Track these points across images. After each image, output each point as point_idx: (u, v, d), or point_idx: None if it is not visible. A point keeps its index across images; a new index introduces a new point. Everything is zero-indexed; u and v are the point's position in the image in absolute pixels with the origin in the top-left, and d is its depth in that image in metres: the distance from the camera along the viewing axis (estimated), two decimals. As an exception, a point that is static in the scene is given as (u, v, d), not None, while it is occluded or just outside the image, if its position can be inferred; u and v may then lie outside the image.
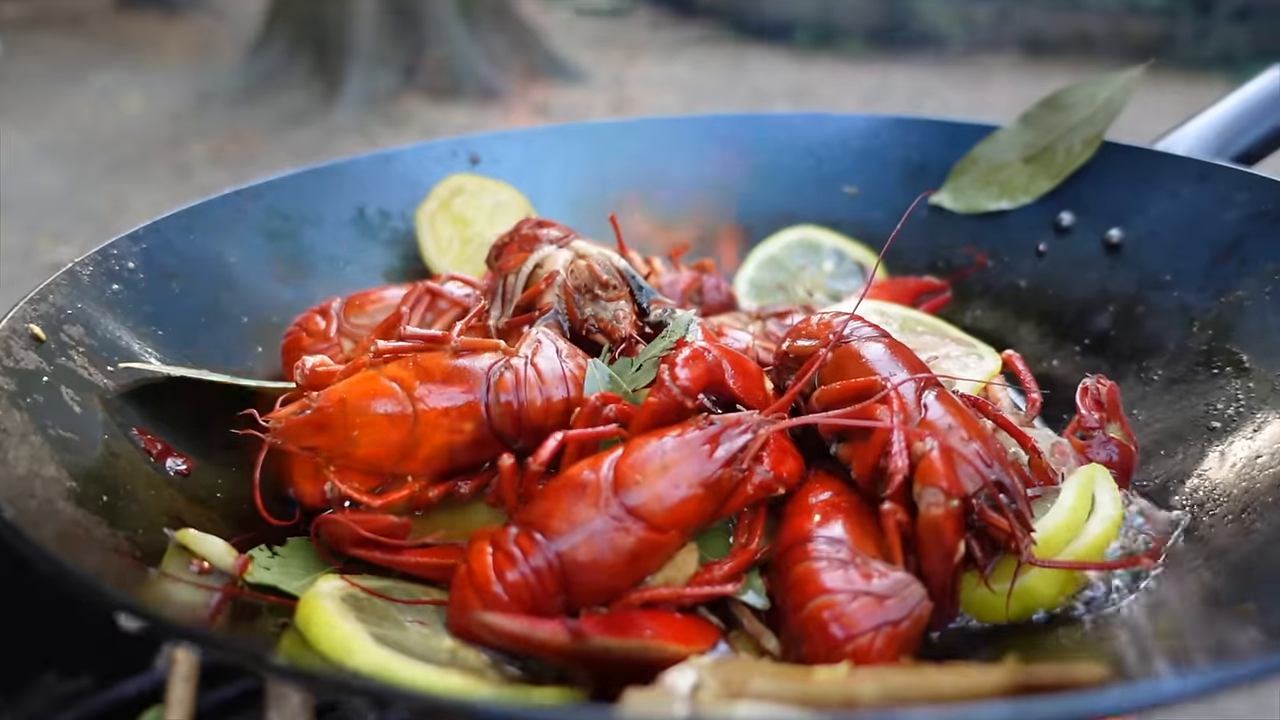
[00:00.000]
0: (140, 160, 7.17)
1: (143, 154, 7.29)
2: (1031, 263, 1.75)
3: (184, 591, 0.94)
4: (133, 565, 0.91)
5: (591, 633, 0.87)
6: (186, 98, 8.50)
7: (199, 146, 7.42)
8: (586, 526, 1.00)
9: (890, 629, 0.94)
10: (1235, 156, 1.71)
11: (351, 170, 1.81)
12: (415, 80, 8.70)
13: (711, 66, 10.13)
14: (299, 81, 8.53)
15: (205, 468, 1.21)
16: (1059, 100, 1.81)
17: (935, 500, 1.01)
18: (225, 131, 7.78)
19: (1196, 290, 1.48)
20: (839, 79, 9.60)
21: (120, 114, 8.21)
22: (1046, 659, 0.92)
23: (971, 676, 0.67)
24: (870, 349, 1.23)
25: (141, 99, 8.58)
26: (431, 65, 8.70)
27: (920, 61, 9.75)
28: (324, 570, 1.11)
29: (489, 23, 9.12)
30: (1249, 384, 1.30)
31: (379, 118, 8.18)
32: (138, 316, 1.35)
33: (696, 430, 1.08)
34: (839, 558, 1.00)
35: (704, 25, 11.24)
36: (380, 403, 1.13)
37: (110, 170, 6.97)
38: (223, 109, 8.19)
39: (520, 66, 9.17)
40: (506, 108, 8.56)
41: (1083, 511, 1.09)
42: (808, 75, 9.67)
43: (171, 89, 8.75)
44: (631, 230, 1.91)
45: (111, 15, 11.63)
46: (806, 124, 2.04)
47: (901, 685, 0.67)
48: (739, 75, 9.77)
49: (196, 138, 7.58)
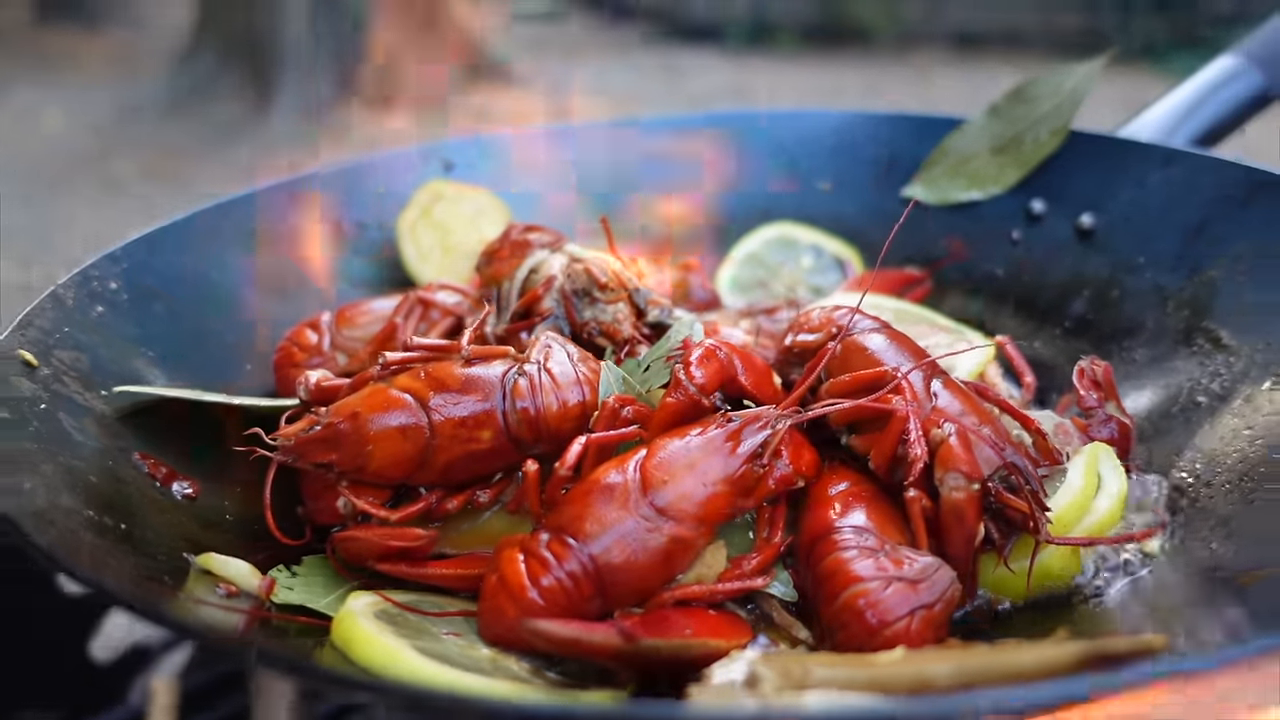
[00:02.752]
0: (66, 177, 6.93)
1: (68, 171, 7.04)
2: (1006, 251, 1.79)
3: (214, 615, 0.92)
4: (165, 592, 0.88)
5: (642, 634, 0.87)
6: (110, 113, 8.24)
7: (127, 162, 7.20)
8: (618, 528, 1.00)
9: (925, 612, 0.96)
10: (1193, 140, 1.78)
11: (324, 181, 1.78)
12: (352, 88, 8.57)
13: (650, 68, 10.16)
14: (230, 93, 8.34)
15: (211, 490, 1.18)
16: (1024, 92, 1.86)
17: (957, 484, 1.04)
18: (154, 146, 7.56)
19: (1169, 271, 1.53)
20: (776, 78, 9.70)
21: (42, 131, 7.93)
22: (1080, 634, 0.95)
23: (1045, 652, 0.69)
24: (873, 340, 1.25)
25: (63, 115, 8.29)
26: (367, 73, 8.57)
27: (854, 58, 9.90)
28: (345, 587, 1.09)
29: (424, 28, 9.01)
30: (1229, 359, 1.35)
31: (316, 128, 8.03)
32: (125, 339, 1.31)
33: (717, 428, 1.08)
34: (867, 546, 1.01)
35: (640, 27, 11.27)
36: (394, 415, 1.11)
37: (36, 188, 6.72)
38: (150, 123, 7.95)
39: (458, 72, 9.08)
40: (446, 113, 8.48)
41: (1091, 489, 1.13)
42: (745, 75, 9.75)
43: (94, 104, 8.46)
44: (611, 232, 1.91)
45: (29, 30, 11.22)
46: (778, 122, 2.07)
47: (976, 664, 0.68)
48: (677, 76, 9.82)
49: (124, 153, 7.35)
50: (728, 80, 9.67)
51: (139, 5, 11.40)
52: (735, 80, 9.66)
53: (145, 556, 0.93)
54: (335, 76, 8.49)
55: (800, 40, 10.42)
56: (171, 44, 9.13)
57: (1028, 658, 0.68)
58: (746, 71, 9.99)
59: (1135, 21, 10.50)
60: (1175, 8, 10.39)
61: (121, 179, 7.03)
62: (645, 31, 11.22)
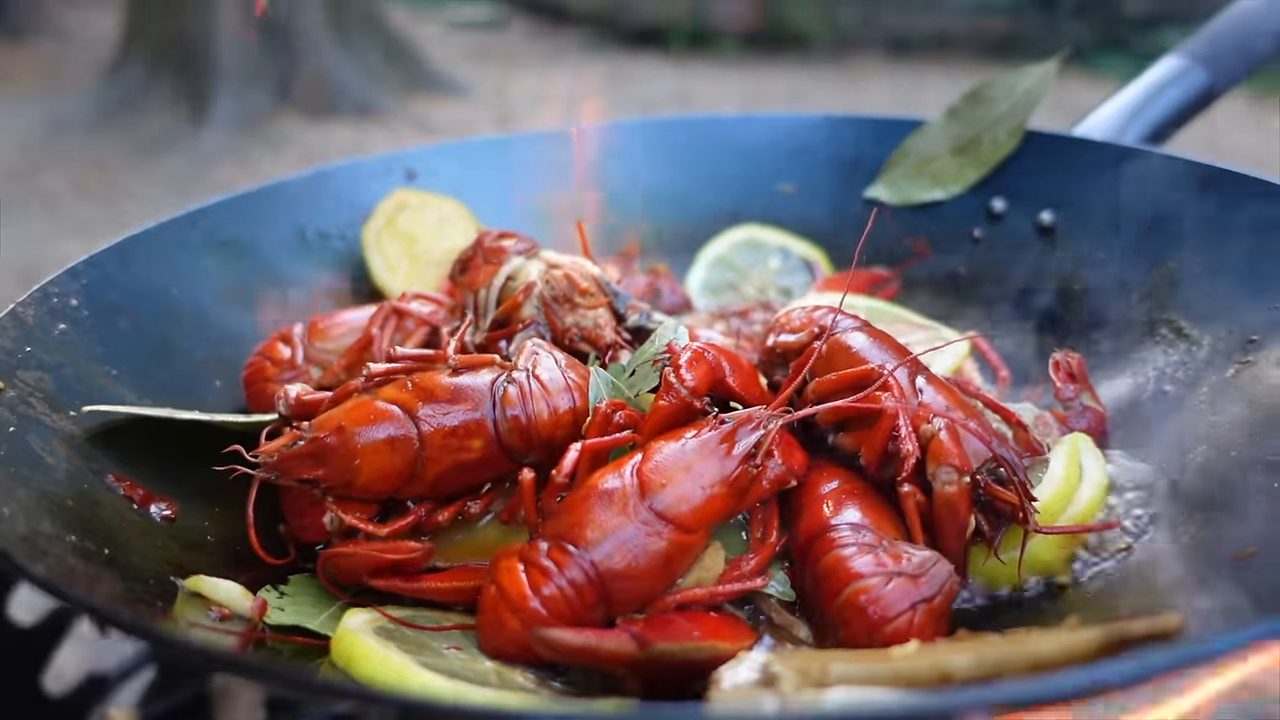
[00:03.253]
0: (-5, 194, 6.68)
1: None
2: (968, 249, 1.82)
3: (209, 639, 0.89)
4: (158, 617, 0.85)
5: (655, 639, 0.86)
6: (37, 127, 7.97)
7: (57, 177, 6.97)
8: (618, 534, 0.99)
9: (926, 606, 0.97)
10: (1143, 137, 1.83)
11: (286, 192, 1.74)
12: (288, 98, 8.42)
13: (592, 75, 10.15)
14: (161, 105, 8.12)
15: (190, 511, 1.14)
16: (981, 94, 1.90)
17: (950, 479, 1.05)
18: (84, 160, 7.33)
19: (1130, 265, 1.58)
20: (717, 83, 9.78)
21: (-35, 147, 7.63)
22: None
23: (1065, 639, 0.70)
24: (856, 339, 1.26)
25: (-14, 130, 7.99)
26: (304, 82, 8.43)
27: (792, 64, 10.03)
28: (335, 605, 1.07)
29: (362, 37, 8.90)
30: (1192, 348, 1.39)
31: (254, 140, 7.86)
32: (90, 357, 1.27)
33: (711, 430, 1.08)
34: (865, 542, 1.02)
35: (580, 34, 11.26)
36: (382, 427, 1.09)
37: (-37, 206, 6.46)
38: (78, 137, 7.71)
39: (397, 81, 8.98)
40: (387, 124, 8.37)
41: (1074, 479, 1.15)
42: (686, 80, 9.81)
43: (20, 118, 8.18)
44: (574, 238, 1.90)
45: (-54, 43, 10.80)
46: (738, 126, 2.08)
47: (996, 654, 0.69)
48: (621, 82, 9.83)
49: (53, 168, 7.12)
50: (671, 85, 9.71)
51: (64, 16, 11.06)
52: (678, 85, 9.71)
53: (133, 581, 0.90)
54: (271, 87, 8.34)
55: (741, 45, 10.52)
56: (99, 55, 8.88)
57: (1047, 646, 0.70)
58: (689, 76, 10.05)
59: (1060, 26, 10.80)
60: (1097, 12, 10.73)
61: (51, 194, 6.81)
62: (586, 38, 11.22)
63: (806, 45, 10.68)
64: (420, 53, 9.43)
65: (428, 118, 8.62)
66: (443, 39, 10.95)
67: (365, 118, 8.42)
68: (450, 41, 10.97)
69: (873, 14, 11.36)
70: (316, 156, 7.66)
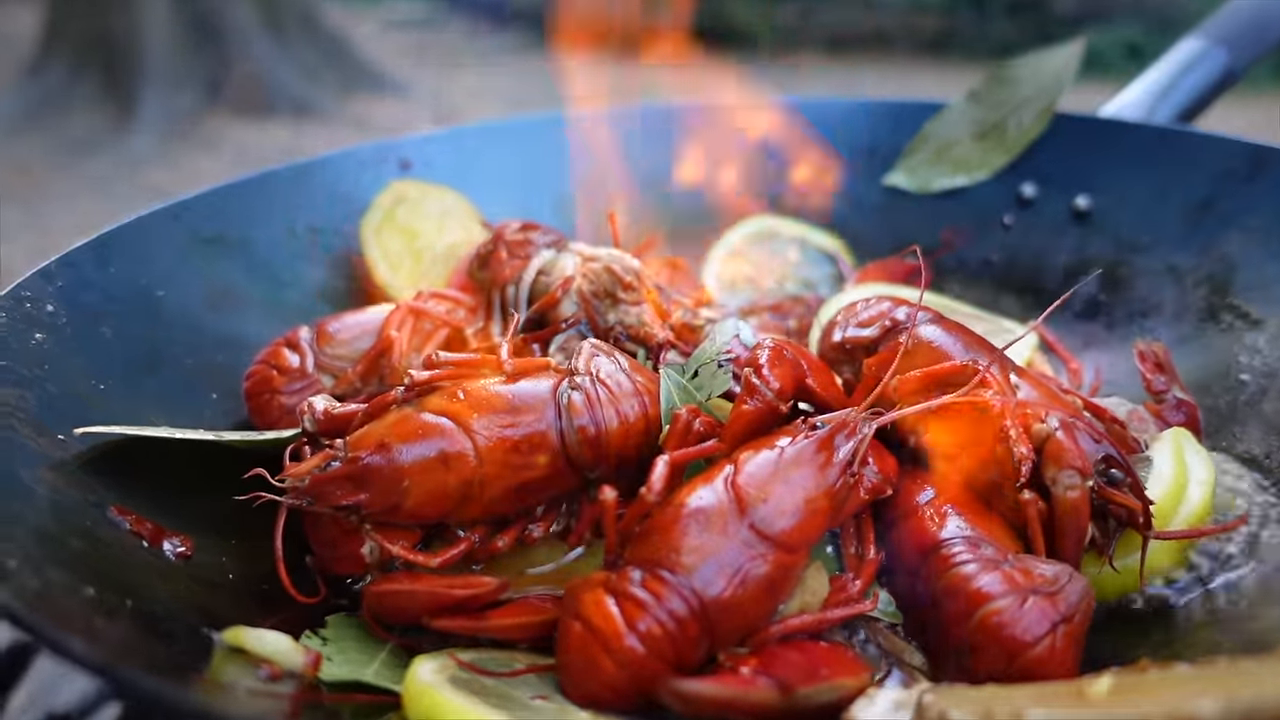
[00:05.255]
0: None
1: (-90, 191, 6.36)
2: (999, 236, 1.75)
3: (257, 704, 0.74)
4: (205, 684, 0.71)
5: (797, 684, 0.75)
6: (-50, 128, 7.51)
7: (-25, 180, 6.56)
8: (719, 557, 0.87)
9: (1066, 627, 0.87)
10: (1172, 120, 1.78)
11: (272, 184, 1.58)
12: (221, 98, 8.09)
13: (532, 73, 9.96)
14: (86, 105, 7.73)
15: (205, 545, 0.99)
16: (1004, 75, 1.83)
17: (1074, 483, 0.95)
18: (5, 162, 6.92)
19: (1180, 249, 1.51)
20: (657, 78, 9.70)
21: (-128, 150, 7.14)
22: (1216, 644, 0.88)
23: (1333, 672, 0.61)
24: (932, 332, 1.16)
25: (-101, 132, 7.50)
26: (238, 81, 8.11)
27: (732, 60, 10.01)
28: (383, 649, 0.93)
29: (296, 35, 8.60)
30: (1264, 335, 1.33)
31: (184, 141, 7.53)
32: (72, 371, 1.10)
33: (806, 437, 0.97)
34: (989, 557, 0.92)
35: (520, 32, 11.06)
36: (432, 443, 0.95)
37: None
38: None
39: (334, 79, 8.70)
40: (324, 122, 8.10)
41: (1183, 477, 1.07)
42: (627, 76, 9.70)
43: (-69, 120, 7.69)
44: (582, 230, 1.78)
45: None
46: (747, 113, 1.97)
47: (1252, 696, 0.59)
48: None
49: (-30, 171, 6.70)
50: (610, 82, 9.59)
51: (-25, 12, 10.49)
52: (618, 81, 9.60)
53: (164, 639, 0.75)
54: (202, 86, 8.01)
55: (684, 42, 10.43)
56: (18, 53, 8.42)
57: (1313, 681, 0.60)
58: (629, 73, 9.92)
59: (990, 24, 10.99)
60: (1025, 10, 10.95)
61: (-26, 198, 6.40)
62: (526, 37, 11.03)
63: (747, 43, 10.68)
64: (358, 51, 9.16)
65: (367, 117, 8.37)
66: (380, 37, 10.66)
67: (302, 117, 8.14)
68: (387, 40, 10.69)
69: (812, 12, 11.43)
70: (251, 157, 7.38)
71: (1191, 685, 0.63)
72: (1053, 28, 9.75)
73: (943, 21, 11.24)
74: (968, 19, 11.21)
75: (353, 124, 8.16)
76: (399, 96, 8.88)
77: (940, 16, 11.24)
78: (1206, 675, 0.66)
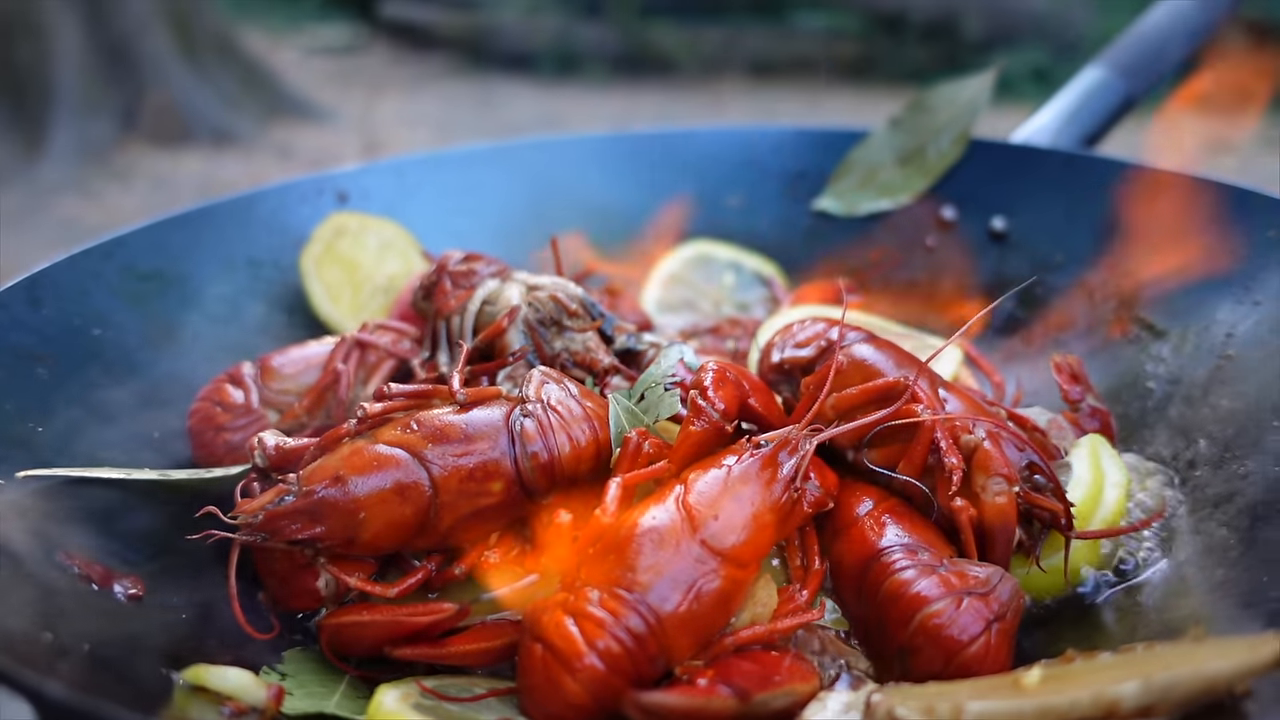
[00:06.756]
0: None
1: None
2: (923, 257, 1.83)
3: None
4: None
5: (755, 691, 0.78)
6: None
7: (-128, 216, 6.27)
8: (673, 574, 0.91)
9: (1000, 625, 0.92)
10: (1076, 144, 1.88)
11: (211, 217, 1.58)
12: (136, 127, 7.90)
13: (459, 99, 9.97)
14: (-9, 135, 7.47)
15: (156, 586, 0.98)
16: (923, 103, 1.92)
17: (1001, 489, 1.01)
18: (-96, 197, 6.64)
19: (1089, 266, 1.60)
20: (586, 106, 9.77)
21: None
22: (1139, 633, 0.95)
23: (1239, 652, 0.66)
24: (865, 350, 1.22)
25: None
26: (153, 109, 7.93)
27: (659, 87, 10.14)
28: (343, 681, 0.94)
29: (214, 62, 8.45)
30: (1166, 345, 1.42)
31: (97, 171, 7.33)
32: (8, 414, 1.08)
33: (751, 455, 1.01)
34: (925, 563, 0.97)
35: (445, 58, 11.05)
36: (387, 474, 0.97)
37: None
38: (-104, 170, 6.98)
39: (255, 107, 8.56)
40: (245, 150, 7.97)
41: (1100, 481, 1.14)
42: (555, 103, 9.76)
43: None
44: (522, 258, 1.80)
45: None
46: (680, 140, 2.03)
47: (1166, 677, 0.65)
48: (488, 107, 9.68)
49: None
50: (539, 108, 9.64)
51: None
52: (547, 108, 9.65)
53: (128, 684, 0.75)
54: (117, 114, 7.81)
55: (608, 69, 10.57)
56: (-84, 82, 8.09)
57: (1221, 661, 0.65)
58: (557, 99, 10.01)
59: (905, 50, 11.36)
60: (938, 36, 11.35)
61: None
62: (451, 63, 11.02)
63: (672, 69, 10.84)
64: (279, 78, 9.03)
65: (289, 145, 8.25)
66: (301, 64, 10.53)
67: (222, 145, 7.99)
68: (309, 67, 10.55)
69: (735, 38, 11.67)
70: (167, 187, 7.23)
71: (1114, 671, 0.69)
72: (963, 53, 10.13)
73: (861, 47, 11.57)
74: (884, 45, 11.56)
75: (275, 152, 8.03)
76: (323, 124, 8.78)
77: (858, 42, 11.58)
78: (1126, 661, 0.71)
